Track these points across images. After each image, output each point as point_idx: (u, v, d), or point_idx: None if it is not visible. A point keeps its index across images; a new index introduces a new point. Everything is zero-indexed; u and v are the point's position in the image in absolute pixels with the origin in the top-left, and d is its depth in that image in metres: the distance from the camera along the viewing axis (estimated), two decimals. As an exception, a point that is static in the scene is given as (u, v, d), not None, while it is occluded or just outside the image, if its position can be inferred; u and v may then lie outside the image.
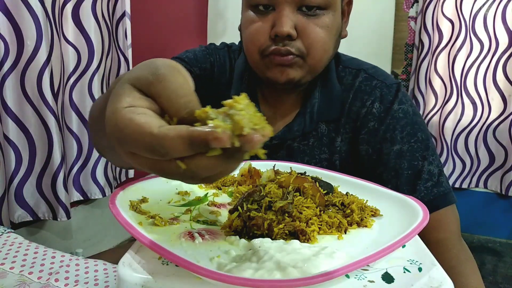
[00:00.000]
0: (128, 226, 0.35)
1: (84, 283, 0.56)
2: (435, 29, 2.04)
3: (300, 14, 0.66)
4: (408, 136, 0.69)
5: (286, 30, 0.64)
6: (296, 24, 0.65)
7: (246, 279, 0.28)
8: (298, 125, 0.74)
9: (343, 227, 0.42)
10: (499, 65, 2.03)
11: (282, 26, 0.64)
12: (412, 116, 0.71)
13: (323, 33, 0.67)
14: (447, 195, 0.68)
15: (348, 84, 0.75)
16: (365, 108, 0.72)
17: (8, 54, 1.22)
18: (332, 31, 0.69)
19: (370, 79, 0.75)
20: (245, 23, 0.70)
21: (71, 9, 1.45)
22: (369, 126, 0.72)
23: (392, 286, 0.32)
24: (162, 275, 0.32)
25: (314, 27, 0.66)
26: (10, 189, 1.31)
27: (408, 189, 0.67)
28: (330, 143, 0.74)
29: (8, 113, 1.26)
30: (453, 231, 0.68)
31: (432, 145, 0.71)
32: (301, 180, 0.46)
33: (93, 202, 1.73)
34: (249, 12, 0.69)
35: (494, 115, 2.08)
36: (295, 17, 0.65)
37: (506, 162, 2.08)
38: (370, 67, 0.77)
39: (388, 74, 0.77)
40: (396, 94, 0.72)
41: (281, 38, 0.65)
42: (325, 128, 0.74)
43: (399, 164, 0.69)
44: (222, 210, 0.47)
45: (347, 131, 0.74)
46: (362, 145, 0.72)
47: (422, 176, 0.67)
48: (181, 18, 2.24)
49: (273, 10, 0.66)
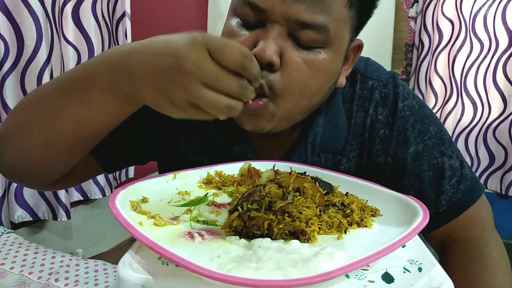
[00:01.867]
0: (128, 226, 0.35)
1: (84, 283, 0.56)
2: (435, 29, 2.04)
3: (290, 41, 0.53)
4: (421, 134, 0.64)
5: (269, 56, 0.50)
6: (282, 51, 0.52)
7: (246, 279, 0.28)
8: (298, 158, 0.64)
9: (343, 227, 0.42)
10: (499, 65, 2.03)
11: (265, 50, 0.50)
12: (419, 110, 0.65)
13: (310, 73, 0.54)
14: (474, 187, 0.64)
15: (347, 94, 0.66)
16: (369, 117, 0.64)
17: (8, 54, 1.22)
18: (326, 75, 0.56)
19: (364, 80, 0.66)
20: (225, 32, 0.57)
21: (71, 9, 1.45)
22: (380, 135, 0.64)
23: (392, 286, 0.32)
24: (162, 275, 0.32)
25: (302, 63, 0.53)
26: (10, 189, 1.31)
27: (434, 192, 0.63)
28: (335, 167, 0.65)
29: (8, 113, 1.26)
30: (485, 227, 0.65)
31: (446, 136, 0.65)
32: (301, 180, 0.46)
33: (93, 202, 1.73)
34: (233, 21, 0.56)
35: (494, 115, 2.08)
36: (283, 42, 0.52)
37: (506, 162, 2.08)
38: (360, 65, 0.68)
39: (378, 65, 0.69)
40: (396, 91, 0.65)
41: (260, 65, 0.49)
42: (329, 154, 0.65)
43: (418, 167, 0.63)
44: (222, 210, 0.47)
45: (354, 148, 0.65)
46: (379, 157, 0.65)
47: (445, 174, 0.63)
48: (181, 18, 2.24)
49: (261, 27, 0.53)
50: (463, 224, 0.64)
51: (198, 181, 0.56)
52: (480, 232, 0.64)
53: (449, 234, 0.65)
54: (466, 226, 0.64)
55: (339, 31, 0.54)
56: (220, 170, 0.58)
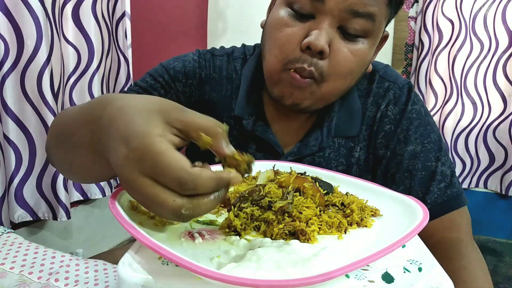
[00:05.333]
0: (128, 226, 0.35)
1: (84, 283, 0.56)
2: (435, 29, 2.04)
3: (338, 33, 0.59)
4: (422, 137, 0.69)
5: (321, 45, 0.56)
6: (330, 41, 0.58)
7: (246, 279, 0.28)
8: (314, 139, 0.69)
9: (343, 227, 0.42)
10: (499, 65, 2.03)
11: (318, 39, 0.56)
12: (424, 116, 0.70)
13: (354, 61, 0.60)
14: (459, 196, 0.68)
15: (364, 90, 0.72)
16: (380, 112, 0.70)
17: (8, 54, 1.22)
18: (364, 62, 0.63)
19: (382, 81, 0.72)
20: (277, 23, 0.61)
21: (71, 9, 1.45)
22: (385, 130, 0.70)
23: (392, 286, 0.32)
24: (162, 275, 0.32)
25: (347, 52, 0.59)
26: (10, 189, 1.31)
27: (422, 190, 0.67)
28: (348, 153, 0.71)
29: (8, 113, 1.26)
30: (465, 231, 0.68)
31: (444, 145, 0.70)
32: (301, 180, 0.46)
33: (93, 202, 1.73)
34: (284, 11, 0.61)
35: (494, 115, 2.08)
36: (332, 34, 0.58)
37: (506, 162, 2.08)
38: (381, 67, 0.74)
39: (397, 73, 0.75)
40: (409, 95, 0.71)
41: (312, 52, 0.58)
42: (343, 139, 0.71)
43: (412, 165, 0.68)
44: (222, 210, 0.47)
45: (365, 138, 0.71)
46: (380, 150, 0.70)
47: (436, 177, 0.67)
48: (181, 18, 2.24)
49: (312, 18, 0.59)
50: (445, 225, 0.67)
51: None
52: (460, 235, 0.67)
53: (431, 236, 0.66)
54: (447, 228, 0.67)
55: (381, 23, 0.61)
56: (220, 170, 0.58)
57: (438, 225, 0.67)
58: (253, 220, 0.41)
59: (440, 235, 0.67)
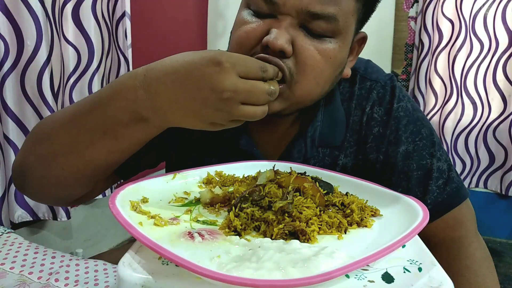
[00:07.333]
0: (128, 226, 0.35)
1: (84, 283, 0.56)
2: (435, 29, 2.04)
3: (301, 31, 0.56)
4: (412, 135, 0.66)
5: (279, 44, 0.53)
6: (294, 40, 0.55)
7: (246, 279, 0.28)
8: (298, 151, 0.66)
9: (343, 227, 0.42)
10: (499, 65, 2.03)
11: (276, 38, 0.53)
12: (412, 112, 0.68)
13: (322, 61, 0.56)
14: (460, 190, 0.66)
15: (347, 93, 0.69)
16: (366, 115, 0.67)
17: (8, 54, 1.22)
18: (334, 64, 0.58)
19: (363, 81, 0.69)
20: (237, 23, 0.59)
21: (71, 9, 1.45)
22: (374, 133, 0.67)
23: (392, 286, 0.32)
24: (162, 275, 0.32)
25: (313, 50, 0.56)
26: (10, 189, 1.31)
27: (420, 191, 0.65)
28: (333, 162, 0.68)
29: (8, 113, 1.26)
30: (469, 228, 0.66)
31: (437, 139, 0.68)
32: (301, 180, 0.46)
33: (93, 202, 1.72)
34: (244, 12, 0.59)
35: (494, 115, 2.08)
36: (295, 32, 0.55)
37: (506, 162, 2.08)
38: (361, 65, 0.70)
39: (378, 68, 0.72)
40: (393, 93, 0.67)
41: (271, 51, 0.54)
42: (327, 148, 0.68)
43: (407, 165, 0.65)
44: (222, 210, 0.47)
45: (351, 144, 0.68)
46: (371, 154, 0.67)
47: (433, 175, 0.65)
48: (181, 18, 2.24)
49: (273, 17, 0.56)
50: (447, 224, 0.66)
51: (198, 181, 0.56)
52: (464, 233, 0.66)
53: (434, 235, 0.66)
54: (450, 226, 0.66)
55: (347, 21, 0.57)
56: (220, 170, 0.58)
57: (441, 224, 0.65)
58: (253, 220, 0.41)
59: (444, 235, 0.66)
